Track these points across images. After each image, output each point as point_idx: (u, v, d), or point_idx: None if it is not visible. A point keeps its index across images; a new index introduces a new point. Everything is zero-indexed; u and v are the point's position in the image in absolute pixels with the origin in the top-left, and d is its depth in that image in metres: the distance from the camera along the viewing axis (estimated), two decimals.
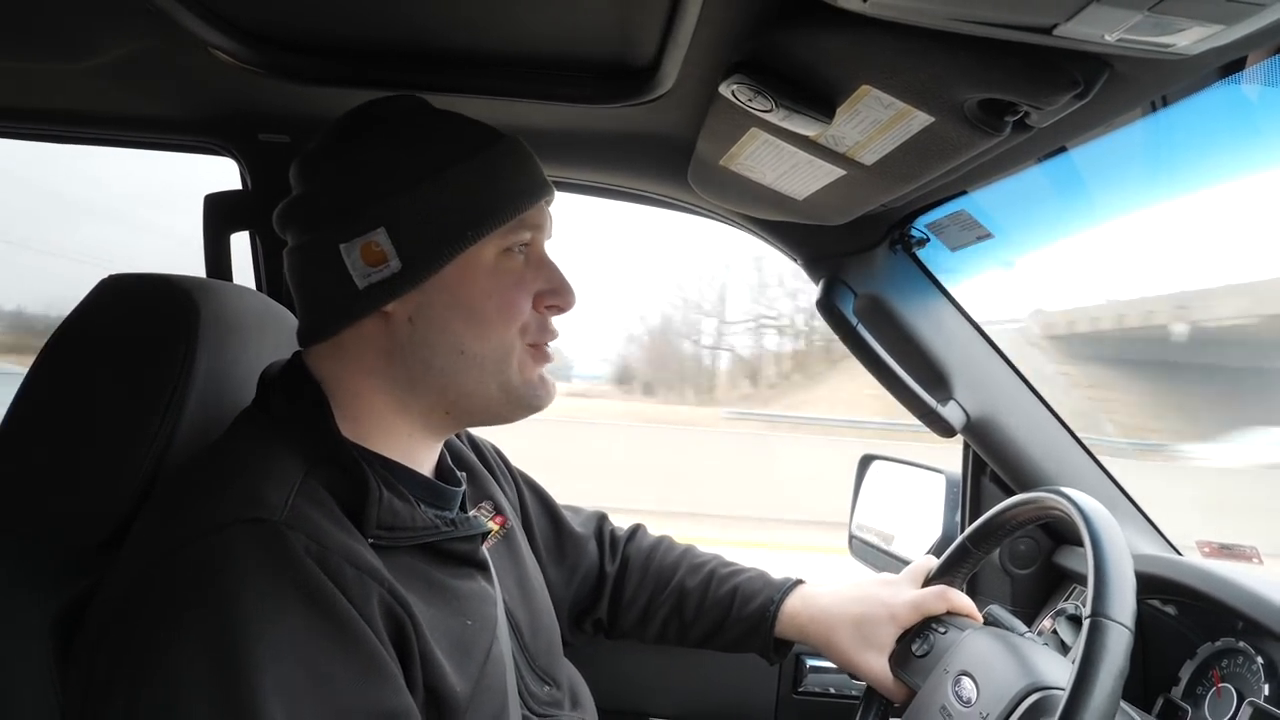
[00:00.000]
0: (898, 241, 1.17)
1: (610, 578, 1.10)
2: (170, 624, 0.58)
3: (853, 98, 0.72)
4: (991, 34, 0.56)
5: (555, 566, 1.07)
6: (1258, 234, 24.52)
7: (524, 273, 0.77)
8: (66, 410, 0.75)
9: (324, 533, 0.64)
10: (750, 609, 1.04)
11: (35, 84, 1.08)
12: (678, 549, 1.14)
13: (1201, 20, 0.49)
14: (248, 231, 1.25)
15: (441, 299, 0.74)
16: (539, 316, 0.78)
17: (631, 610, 1.09)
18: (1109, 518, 0.77)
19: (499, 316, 0.75)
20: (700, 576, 1.08)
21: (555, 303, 0.79)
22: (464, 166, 0.74)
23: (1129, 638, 0.69)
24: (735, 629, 1.04)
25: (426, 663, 0.67)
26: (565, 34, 0.86)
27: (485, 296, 0.74)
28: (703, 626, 1.06)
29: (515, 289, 0.76)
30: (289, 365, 0.77)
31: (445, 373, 0.75)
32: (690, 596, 1.07)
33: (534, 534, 1.06)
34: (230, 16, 0.85)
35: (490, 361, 0.75)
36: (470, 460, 0.98)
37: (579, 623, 1.11)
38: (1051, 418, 1.23)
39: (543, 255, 0.80)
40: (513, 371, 0.76)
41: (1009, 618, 0.93)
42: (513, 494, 1.05)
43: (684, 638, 1.08)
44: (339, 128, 0.77)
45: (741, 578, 1.07)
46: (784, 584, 1.05)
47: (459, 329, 0.74)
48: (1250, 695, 0.87)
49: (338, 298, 0.73)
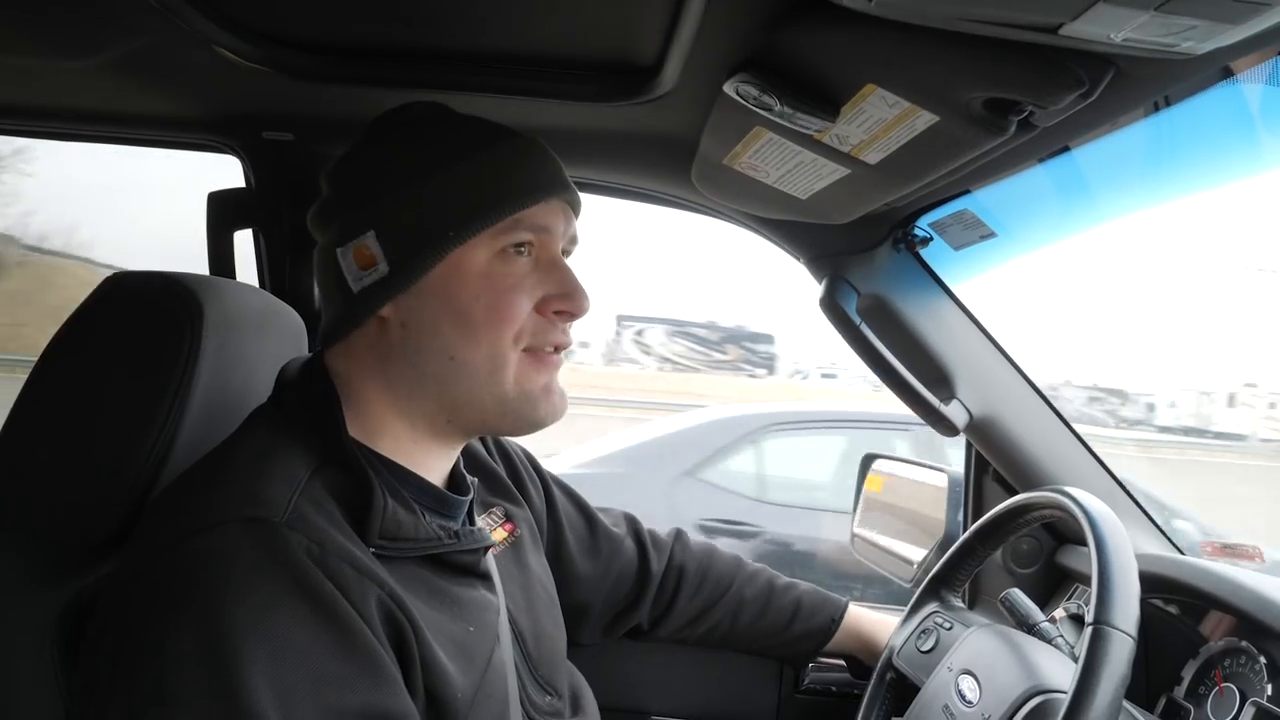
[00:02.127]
0: (901, 241, 1.17)
1: (656, 578, 1.12)
2: (166, 622, 0.58)
3: (857, 96, 0.71)
4: (997, 33, 0.56)
5: (590, 562, 1.08)
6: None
7: (524, 276, 0.74)
8: (70, 408, 0.75)
9: (324, 535, 0.63)
10: (816, 622, 1.16)
11: (39, 81, 1.08)
12: (729, 556, 1.19)
13: (1208, 20, 0.49)
14: (251, 230, 1.25)
15: (431, 303, 0.72)
16: (542, 321, 0.75)
17: (683, 615, 1.13)
18: (1115, 521, 0.77)
19: (487, 320, 0.72)
20: (758, 587, 1.16)
21: (564, 307, 0.76)
22: (454, 166, 0.73)
23: (1132, 646, 0.69)
24: (801, 643, 1.16)
25: (427, 666, 0.66)
26: (568, 32, 0.86)
27: (473, 300, 0.72)
28: (756, 632, 1.15)
29: (509, 292, 0.73)
30: (307, 363, 0.78)
31: (438, 379, 0.73)
32: (749, 606, 1.15)
33: (565, 533, 1.06)
34: (235, 14, 0.85)
35: (482, 370, 0.73)
36: (489, 466, 0.98)
37: (614, 627, 1.12)
38: (1054, 417, 1.23)
39: (554, 258, 0.77)
40: (507, 382, 0.73)
41: (1026, 604, 0.93)
42: (540, 499, 1.04)
43: (729, 640, 1.17)
44: (364, 133, 0.79)
45: (800, 590, 1.18)
46: (840, 600, 1.19)
47: (448, 334, 0.72)
48: (1253, 695, 0.87)
49: (339, 301, 0.74)
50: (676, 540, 1.17)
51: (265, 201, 1.23)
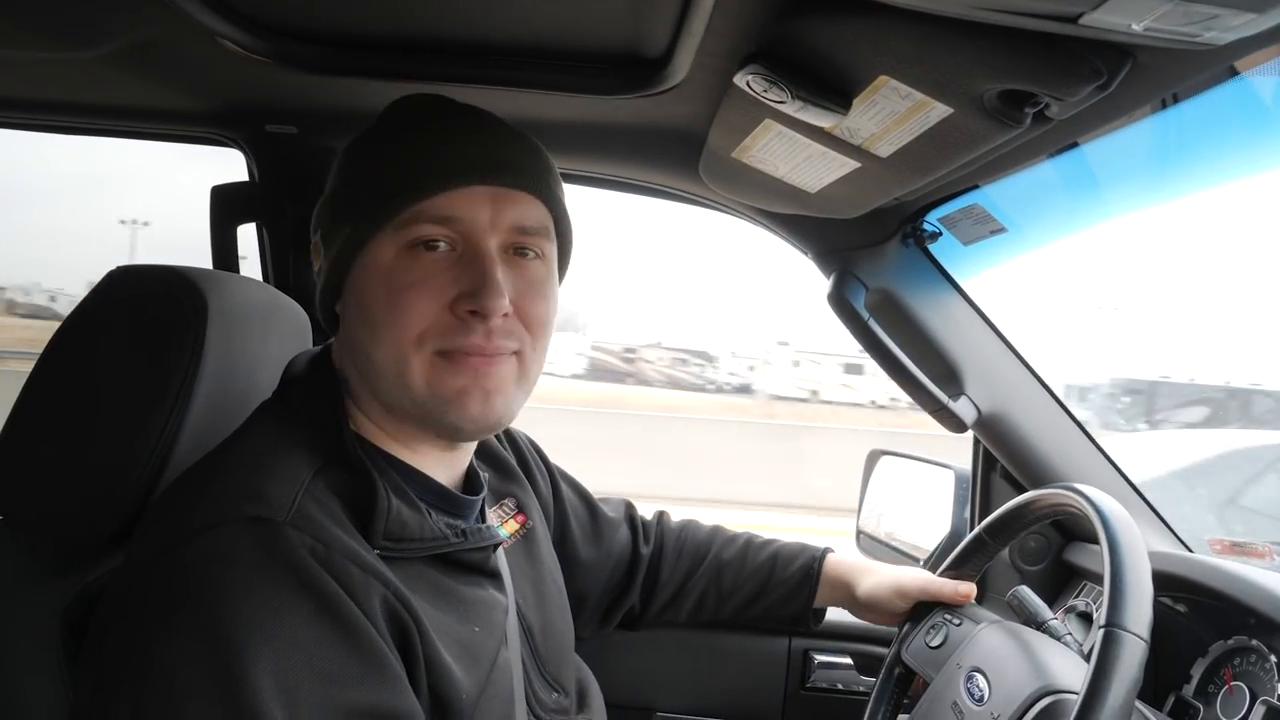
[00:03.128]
0: (910, 235, 1.16)
1: (645, 560, 1.12)
2: (169, 621, 0.58)
3: (870, 88, 0.71)
4: (1015, 23, 0.55)
5: (592, 549, 1.08)
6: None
7: (435, 273, 0.69)
8: (74, 402, 0.74)
9: (328, 534, 0.63)
10: (793, 570, 1.09)
11: (43, 74, 1.08)
12: (706, 526, 1.17)
13: (1233, 8, 0.48)
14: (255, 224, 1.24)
15: (352, 300, 0.72)
16: (453, 320, 0.69)
17: (666, 589, 1.11)
18: (1128, 520, 0.76)
19: (386, 320, 0.69)
20: (736, 547, 1.12)
21: (470, 306, 0.68)
22: (366, 159, 0.72)
23: (1144, 649, 0.68)
24: (778, 590, 1.09)
25: (431, 666, 0.66)
26: (576, 23, 0.85)
27: (374, 298, 0.69)
28: (742, 595, 1.10)
29: (405, 290, 0.68)
30: (315, 357, 0.77)
31: (366, 378, 0.72)
32: (728, 567, 1.11)
33: (569, 520, 1.07)
34: (238, 6, 0.84)
35: (389, 370, 0.70)
36: (501, 456, 0.97)
37: (609, 614, 1.11)
38: (1063, 413, 1.22)
39: (477, 251, 0.70)
40: (415, 383, 0.69)
41: (1035, 601, 0.93)
42: (546, 488, 1.04)
43: (720, 609, 1.12)
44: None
45: (779, 544, 1.13)
46: (819, 548, 1.12)
47: (361, 333, 0.71)
48: (1263, 694, 0.87)
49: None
50: (659, 520, 1.18)
51: (268, 195, 1.23)
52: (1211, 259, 41.17)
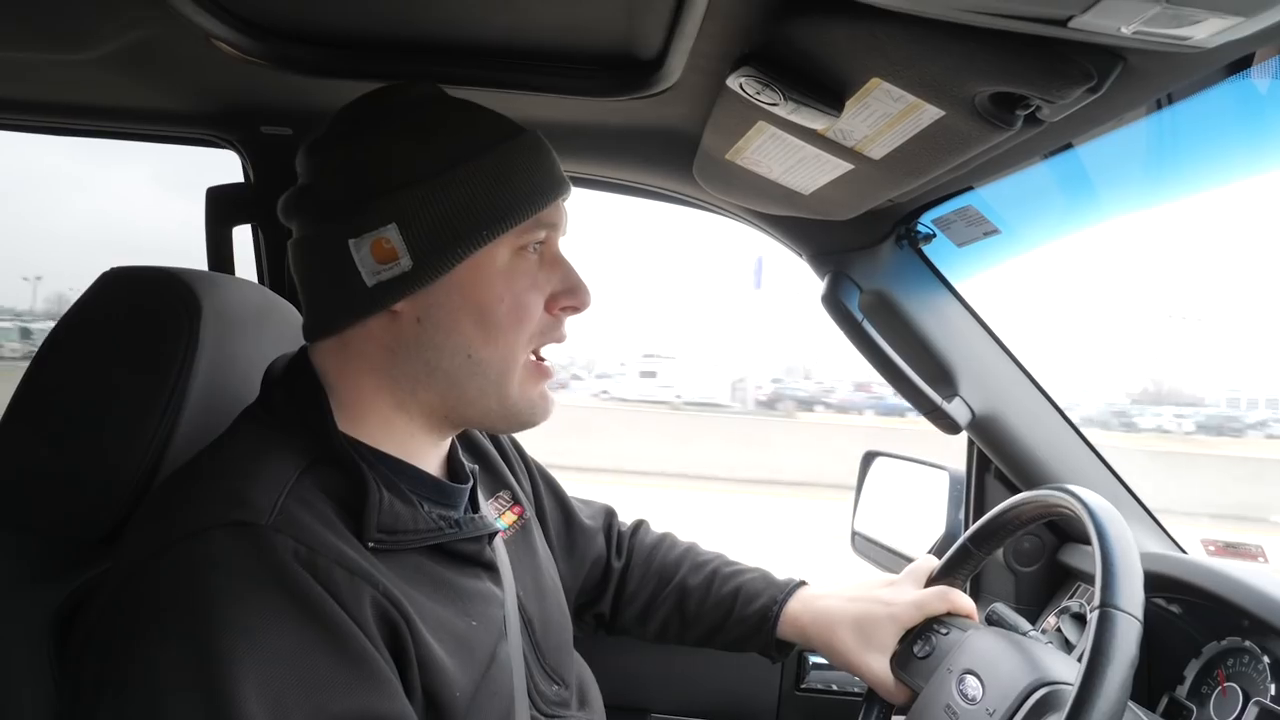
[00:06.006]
0: (904, 237, 1.16)
1: (616, 573, 1.09)
2: (152, 629, 0.57)
3: (862, 91, 0.71)
4: (1005, 26, 0.56)
5: (565, 560, 1.06)
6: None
7: (537, 273, 0.75)
8: (67, 404, 0.74)
9: (313, 536, 0.62)
10: (752, 609, 1.02)
11: (36, 75, 1.08)
12: (680, 546, 1.13)
13: (1220, 12, 0.49)
14: (250, 225, 1.24)
15: (452, 300, 0.71)
16: (548, 318, 0.76)
17: (633, 606, 1.08)
18: (1115, 512, 0.77)
19: (510, 320, 0.72)
20: (703, 575, 1.07)
21: (570, 303, 0.77)
22: (480, 162, 0.71)
23: (1139, 628, 0.68)
24: (737, 629, 1.03)
25: (424, 666, 0.65)
26: (570, 25, 0.85)
27: (497, 299, 0.72)
28: (703, 625, 1.05)
29: (529, 291, 0.74)
30: (292, 361, 0.76)
31: (449, 376, 0.73)
32: (692, 595, 1.06)
33: (547, 526, 1.05)
34: (233, 7, 0.84)
35: (494, 370, 0.73)
36: (486, 449, 0.96)
37: (579, 615, 1.10)
38: (1057, 415, 1.23)
39: (557, 254, 0.77)
40: (513, 386, 0.74)
41: (1013, 616, 0.93)
42: (527, 484, 1.03)
43: (684, 636, 1.07)
44: (351, 115, 0.75)
45: (745, 578, 1.06)
46: (787, 585, 1.04)
47: (468, 332, 0.72)
48: (1256, 695, 0.87)
49: (345, 294, 0.71)
50: (634, 532, 1.14)
51: (264, 197, 1.22)
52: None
